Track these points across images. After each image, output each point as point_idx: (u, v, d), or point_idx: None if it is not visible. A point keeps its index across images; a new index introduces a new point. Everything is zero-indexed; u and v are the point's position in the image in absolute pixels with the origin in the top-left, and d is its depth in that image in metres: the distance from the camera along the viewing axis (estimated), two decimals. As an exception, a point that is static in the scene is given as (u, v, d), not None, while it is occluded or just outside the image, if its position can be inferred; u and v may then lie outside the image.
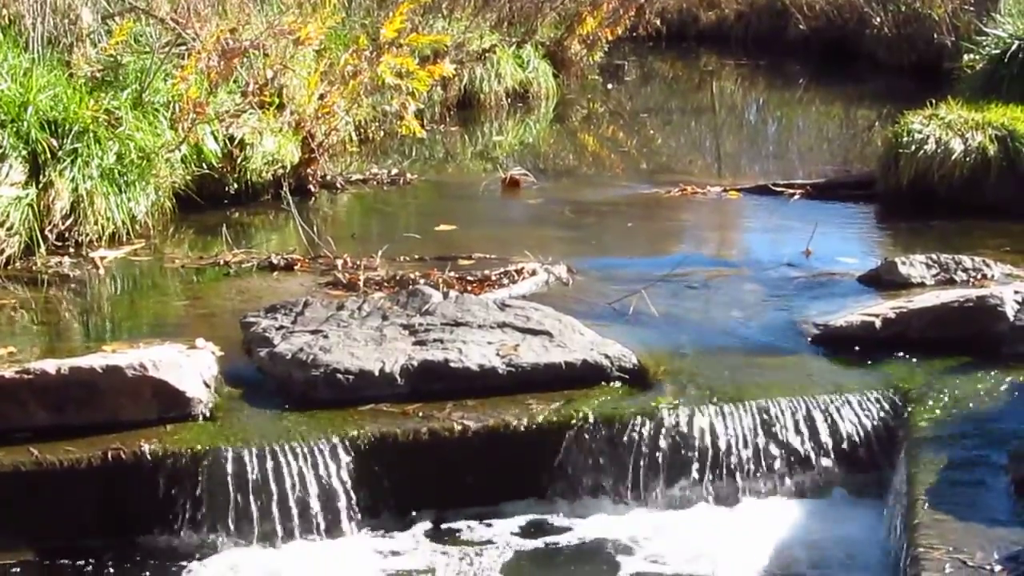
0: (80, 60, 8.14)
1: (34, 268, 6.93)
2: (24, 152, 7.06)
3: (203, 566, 4.49)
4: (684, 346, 5.62)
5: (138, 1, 8.97)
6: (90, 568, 4.46)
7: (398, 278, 6.61)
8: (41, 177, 7.10)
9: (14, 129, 7.05)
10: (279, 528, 4.60)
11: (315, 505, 4.62)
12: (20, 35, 7.97)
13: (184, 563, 4.50)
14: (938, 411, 4.90)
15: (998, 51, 10.20)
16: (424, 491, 4.82)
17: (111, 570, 4.45)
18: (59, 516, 4.54)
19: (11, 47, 7.68)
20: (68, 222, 7.22)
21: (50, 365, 4.75)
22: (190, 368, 4.90)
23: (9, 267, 6.87)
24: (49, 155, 7.13)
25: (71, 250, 7.20)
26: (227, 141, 8.55)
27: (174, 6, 8.89)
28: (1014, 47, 10.05)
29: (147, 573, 4.44)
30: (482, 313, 5.59)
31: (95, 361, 4.81)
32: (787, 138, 14.73)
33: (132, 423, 4.72)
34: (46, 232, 7.10)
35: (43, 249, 7.07)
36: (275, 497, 4.58)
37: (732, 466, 4.91)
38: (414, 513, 4.80)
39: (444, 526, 4.77)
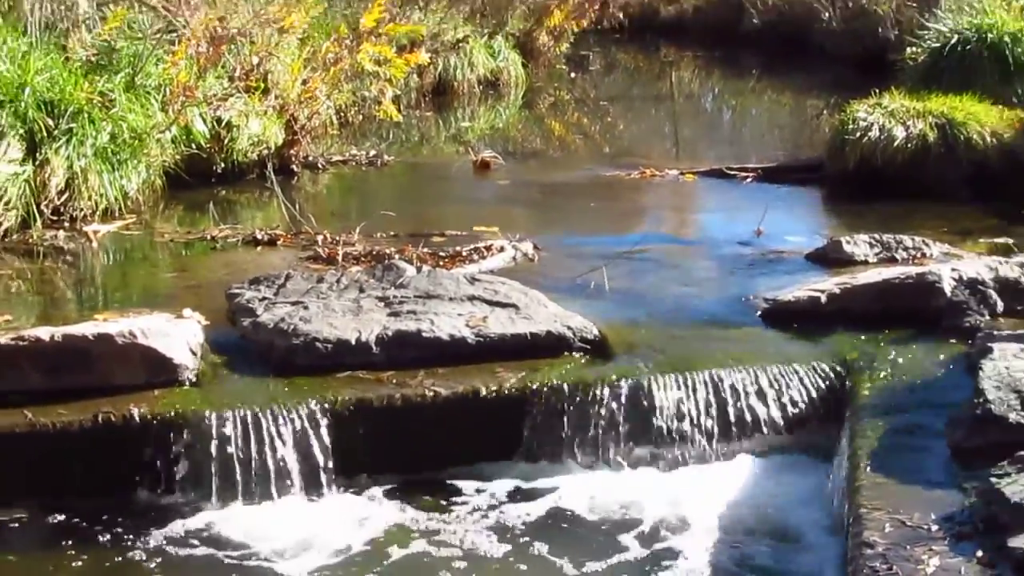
0: (76, 44, 8.08)
1: (30, 241, 6.89)
2: (22, 131, 7.02)
3: (188, 523, 4.45)
4: (642, 318, 5.61)
5: (131, -11, 8.90)
6: (80, 525, 4.42)
7: (374, 253, 6.60)
8: (38, 155, 7.07)
9: (12, 109, 7.00)
10: (260, 488, 4.56)
11: (294, 466, 4.59)
12: (19, 20, 7.90)
13: (170, 520, 4.45)
14: (880, 380, 4.90)
15: (938, 44, 10.22)
16: (398, 453, 4.79)
17: (100, 527, 4.41)
18: (51, 475, 4.49)
19: (10, 31, 7.63)
20: (63, 198, 7.18)
21: (44, 332, 4.71)
22: (177, 336, 4.86)
23: (7, 240, 6.82)
24: (45, 134, 7.08)
25: (66, 224, 7.17)
26: (215, 123, 8.51)
27: (166, -6, 8.82)
28: (953, 41, 10.06)
29: (134, 530, 4.39)
30: (453, 287, 5.56)
31: (87, 329, 4.77)
32: (741, 125, 14.75)
33: (122, 388, 4.68)
34: (42, 207, 7.06)
35: (39, 223, 7.03)
36: (256, 458, 4.55)
37: (687, 430, 4.89)
38: (388, 474, 4.77)
39: (416, 486, 4.74)
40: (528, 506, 4.63)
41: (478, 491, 4.73)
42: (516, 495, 4.72)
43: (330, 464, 4.64)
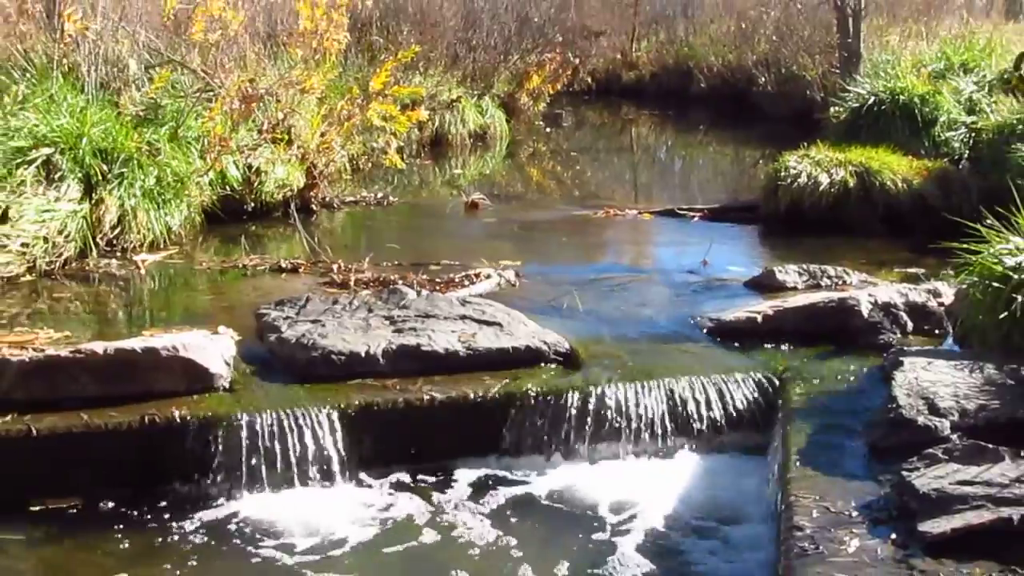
0: (127, 101, 8.05)
1: (87, 268, 6.85)
2: (80, 174, 6.99)
3: (222, 509, 4.43)
4: (607, 335, 5.60)
5: (175, 55, 8.89)
6: (128, 512, 4.39)
7: (381, 279, 6.58)
8: (93, 195, 7.04)
9: (72, 156, 6.97)
10: (283, 478, 4.54)
11: (312, 460, 4.57)
12: (77, 80, 7.89)
13: (205, 507, 4.44)
14: (807, 388, 4.90)
15: (858, 105, 10.28)
16: (400, 449, 4.77)
17: (147, 513, 4.38)
18: (104, 469, 4.46)
19: (69, 90, 7.60)
20: (116, 231, 7.15)
21: (98, 346, 4.68)
22: (213, 349, 4.84)
23: (66, 267, 6.78)
24: (100, 177, 7.06)
25: (118, 254, 7.13)
26: (246, 169, 8.49)
27: (204, 59, 8.81)
28: (870, 101, 10.12)
29: (175, 516, 4.37)
30: (447, 308, 5.55)
31: (136, 343, 4.74)
32: (689, 172, 14.78)
33: (165, 394, 4.65)
34: (97, 239, 7.04)
35: (95, 253, 7.00)
36: (280, 454, 4.53)
37: (644, 430, 4.90)
38: (392, 466, 4.75)
39: (416, 477, 4.73)
40: (509, 493, 4.63)
41: (466, 480, 4.72)
42: (499, 484, 4.71)
43: (343, 458, 4.62)
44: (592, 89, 21.85)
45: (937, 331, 5.58)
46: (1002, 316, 4.67)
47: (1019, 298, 4.61)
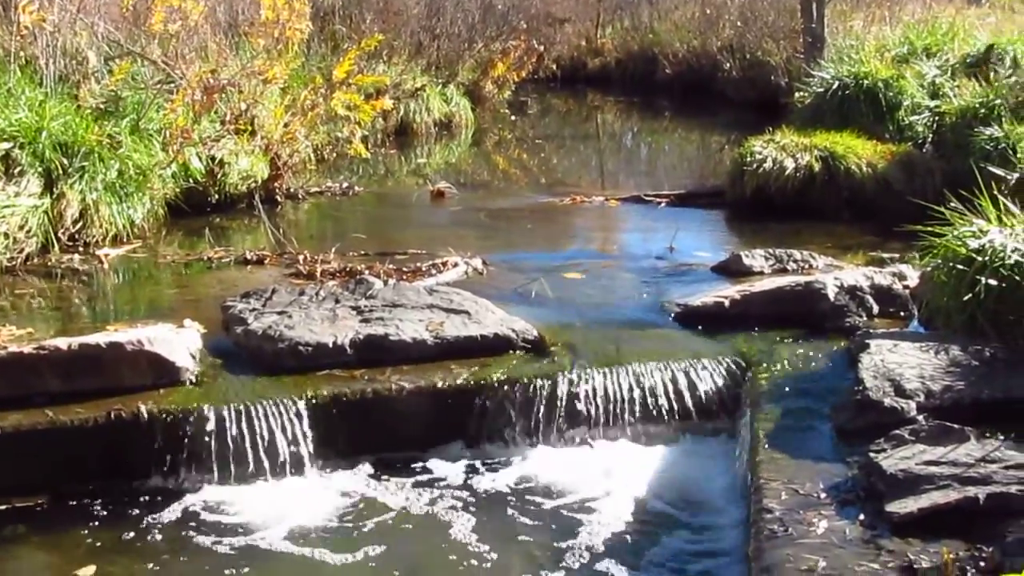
0: (86, 94, 7.98)
1: (49, 264, 6.80)
2: (40, 169, 6.93)
3: (190, 502, 4.42)
4: (574, 322, 5.62)
5: (135, 46, 8.82)
6: (96, 508, 4.38)
7: (348, 269, 6.57)
8: (54, 189, 6.98)
9: (31, 150, 6.91)
10: (252, 470, 4.54)
11: (281, 451, 4.57)
12: (35, 73, 7.81)
13: (174, 500, 4.42)
14: (775, 372, 4.94)
15: (822, 89, 10.32)
16: (369, 439, 4.77)
17: (115, 509, 4.37)
18: (70, 465, 4.44)
19: (28, 83, 7.53)
20: (77, 226, 7.10)
21: (62, 342, 4.66)
22: (179, 343, 4.82)
23: (28, 263, 6.73)
24: (61, 171, 7.00)
25: (80, 249, 7.08)
26: (209, 160, 8.45)
27: (165, 50, 8.74)
28: (835, 86, 10.17)
29: (143, 510, 4.36)
30: (414, 297, 5.55)
31: (100, 338, 4.72)
32: (655, 158, 14.80)
33: (131, 388, 4.64)
34: (59, 234, 6.98)
35: (57, 248, 6.95)
36: (248, 445, 4.53)
37: (613, 415, 4.92)
38: (361, 456, 4.75)
39: (385, 466, 4.73)
40: (478, 480, 4.64)
41: (437, 468, 4.73)
42: (468, 471, 4.72)
43: (312, 449, 4.63)
44: (557, 76, 21.85)
45: (903, 314, 5.63)
46: (966, 298, 4.72)
47: (983, 280, 4.66)
